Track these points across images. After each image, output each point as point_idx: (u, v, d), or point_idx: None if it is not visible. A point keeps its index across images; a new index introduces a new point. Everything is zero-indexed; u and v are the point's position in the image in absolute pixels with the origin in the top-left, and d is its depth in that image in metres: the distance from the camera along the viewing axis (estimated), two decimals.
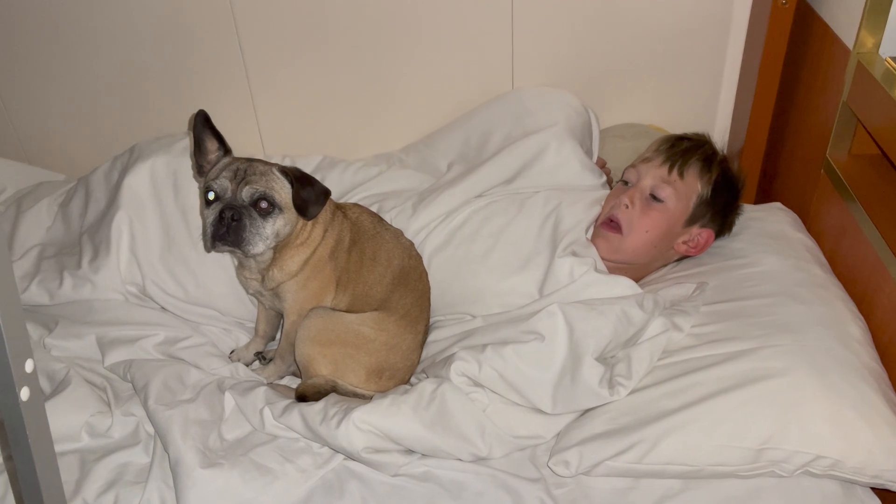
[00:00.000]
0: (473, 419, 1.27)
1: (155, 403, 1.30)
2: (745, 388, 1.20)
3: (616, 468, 1.20)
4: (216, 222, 1.29)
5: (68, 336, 1.47)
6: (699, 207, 1.51)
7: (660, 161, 1.53)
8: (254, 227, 1.30)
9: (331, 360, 1.39)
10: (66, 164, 1.97)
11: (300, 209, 1.33)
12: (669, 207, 1.50)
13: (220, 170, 1.33)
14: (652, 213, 1.49)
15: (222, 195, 1.31)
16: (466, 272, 1.52)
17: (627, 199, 1.51)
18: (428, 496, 1.22)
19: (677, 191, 1.50)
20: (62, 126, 1.95)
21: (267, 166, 1.34)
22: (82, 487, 1.22)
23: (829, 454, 1.14)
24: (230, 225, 1.28)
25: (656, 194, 1.50)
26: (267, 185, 1.31)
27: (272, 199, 1.31)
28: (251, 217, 1.30)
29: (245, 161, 1.35)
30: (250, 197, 1.30)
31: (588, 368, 1.26)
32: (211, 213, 1.31)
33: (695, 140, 1.57)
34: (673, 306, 1.40)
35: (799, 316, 1.31)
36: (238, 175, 1.31)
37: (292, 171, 1.34)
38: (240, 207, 1.29)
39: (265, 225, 1.31)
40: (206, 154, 1.38)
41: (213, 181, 1.32)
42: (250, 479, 1.21)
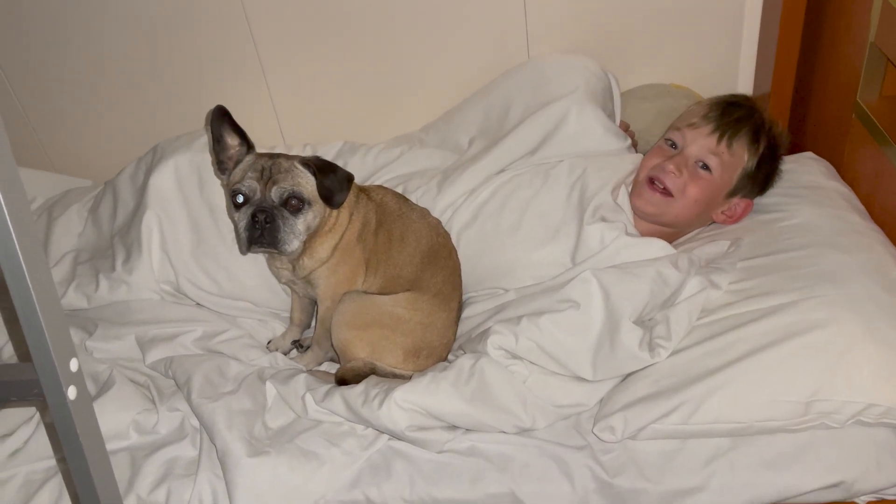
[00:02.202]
0: (514, 391, 1.27)
1: (198, 397, 1.32)
2: (790, 341, 1.18)
3: (662, 430, 1.19)
4: (250, 226, 1.30)
5: (108, 338, 1.49)
6: (742, 180, 1.48)
7: (708, 130, 1.48)
8: (287, 227, 1.31)
9: (368, 343, 1.39)
10: (92, 170, 1.99)
11: (326, 199, 1.33)
12: (715, 178, 1.47)
13: (245, 170, 1.33)
14: (700, 181, 1.46)
15: (251, 197, 1.31)
16: (496, 247, 1.51)
17: (674, 167, 1.47)
18: (474, 471, 1.22)
19: (724, 162, 1.46)
20: (83, 131, 1.97)
21: (289, 161, 1.33)
22: (135, 483, 1.24)
23: (880, 402, 1.12)
24: (264, 227, 1.30)
25: (706, 163, 1.47)
26: (294, 181, 1.31)
27: (301, 196, 1.31)
28: (283, 217, 1.31)
29: (268, 158, 1.34)
30: (280, 197, 1.30)
31: (626, 332, 1.25)
32: (242, 216, 1.32)
33: (745, 107, 1.52)
34: (709, 264, 1.38)
35: (839, 265, 1.28)
36: (264, 175, 1.31)
37: (313, 161, 1.34)
38: (271, 209, 1.30)
39: (297, 222, 1.32)
40: (227, 150, 1.37)
41: (240, 183, 1.32)
42: (298, 465, 1.22)
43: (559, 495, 1.19)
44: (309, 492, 1.22)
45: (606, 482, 1.18)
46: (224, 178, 1.40)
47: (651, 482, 1.17)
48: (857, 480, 1.14)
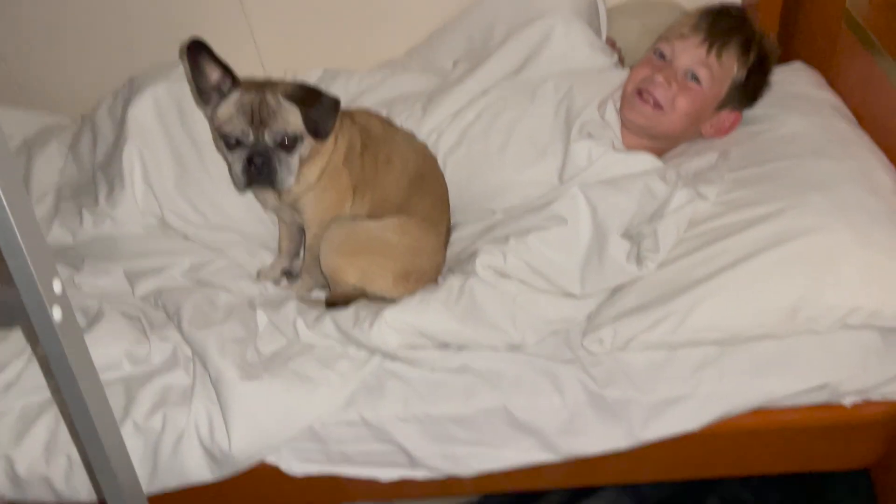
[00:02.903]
0: (503, 308, 1.27)
1: (189, 326, 1.32)
2: (777, 249, 1.18)
3: (651, 341, 1.20)
4: (246, 169, 1.30)
5: (97, 273, 1.48)
6: (732, 91, 1.46)
7: (698, 40, 1.44)
8: (283, 166, 1.31)
9: (357, 269, 1.39)
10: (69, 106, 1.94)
11: (313, 132, 1.31)
12: (704, 90, 1.44)
13: (232, 111, 1.30)
14: (689, 93, 1.43)
15: (244, 140, 1.30)
16: (483, 169, 1.50)
17: (663, 78, 1.43)
18: (467, 387, 1.24)
19: (713, 73, 1.43)
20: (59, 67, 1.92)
21: (275, 97, 1.30)
22: (130, 411, 1.25)
23: (865, 304, 1.13)
24: (261, 170, 1.30)
25: (695, 74, 1.43)
26: (285, 121, 1.29)
27: (293, 135, 1.30)
28: (279, 157, 1.30)
29: (254, 93, 1.31)
30: (274, 140, 1.29)
31: (614, 246, 1.25)
32: (237, 159, 1.31)
33: (735, 17, 1.48)
34: (696, 176, 1.37)
35: (827, 172, 1.28)
36: (254, 117, 1.29)
37: (297, 93, 1.31)
38: (266, 151, 1.29)
39: (292, 159, 1.32)
40: (208, 80, 1.34)
41: (229, 124, 1.29)
42: (292, 387, 1.23)
43: (550, 408, 1.21)
44: (304, 413, 1.23)
45: (597, 393, 1.20)
46: (207, 110, 1.37)
47: (640, 392, 1.19)
48: (843, 382, 1.16)
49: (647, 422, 1.19)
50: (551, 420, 1.21)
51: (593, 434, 1.21)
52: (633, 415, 1.19)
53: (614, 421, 1.20)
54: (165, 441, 1.24)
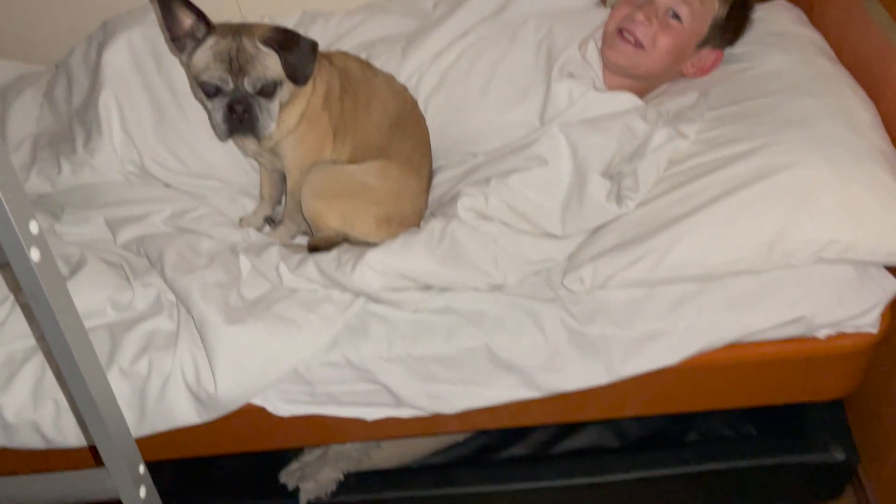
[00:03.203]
0: (485, 250, 1.28)
1: (172, 272, 1.32)
2: (755, 185, 1.19)
3: (630, 278, 1.21)
4: (227, 117, 1.29)
5: (77, 221, 1.47)
6: (713, 29, 1.44)
7: None
8: (264, 113, 1.30)
9: (339, 214, 1.39)
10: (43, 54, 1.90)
11: (292, 77, 1.30)
12: (686, 28, 1.42)
13: (209, 58, 1.27)
14: (671, 31, 1.42)
15: (223, 88, 1.28)
16: (465, 112, 1.49)
17: (644, 16, 1.41)
18: (449, 327, 1.25)
19: (694, 11, 1.42)
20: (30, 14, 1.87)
21: (252, 42, 1.27)
22: (116, 356, 1.26)
23: (841, 238, 1.15)
24: (242, 117, 1.28)
25: (676, 12, 1.42)
26: (263, 67, 1.27)
27: (272, 81, 1.28)
28: (259, 104, 1.29)
29: (230, 39, 1.28)
30: (253, 87, 1.27)
31: (594, 185, 1.25)
32: (217, 107, 1.29)
33: None
34: (677, 116, 1.37)
35: (807, 109, 1.28)
36: (232, 64, 1.26)
37: (274, 36, 1.28)
38: (246, 99, 1.28)
39: (272, 105, 1.30)
40: (181, 26, 1.31)
41: (206, 73, 1.27)
42: (276, 330, 1.24)
43: (532, 346, 1.23)
44: (288, 355, 1.25)
45: (577, 331, 1.22)
46: (182, 57, 1.35)
47: (620, 328, 1.21)
48: (818, 315, 1.18)
49: (627, 357, 1.21)
50: (533, 358, 1.23)
51: (574, 370, 1.23)
52: (613, 351, 1.21)
53: (594, 357, 1.22)
54: (152, 385, 1.25)
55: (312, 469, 1.54)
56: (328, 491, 1.51)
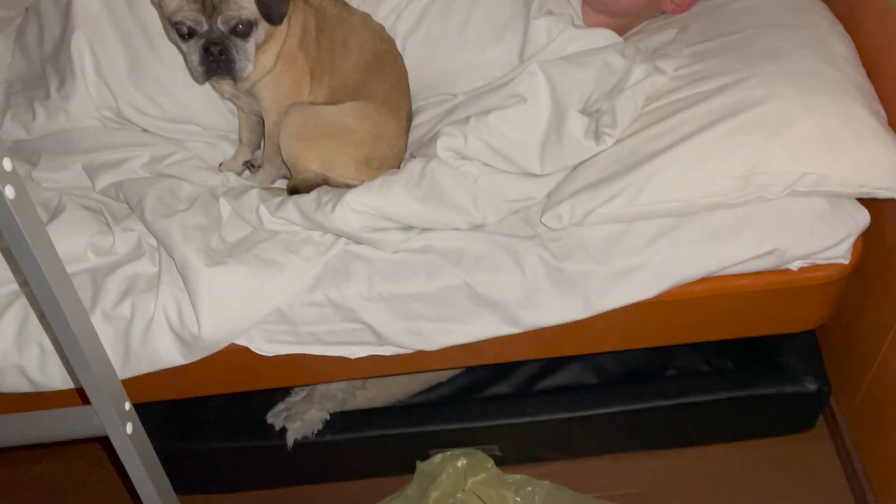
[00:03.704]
0: (464, 189, 1.28)
1: (152, 215, 1.32)
2: (731, 119, 1.19)
3: (608, 214, 1.22)
4: (203, 60, 1.27)
5: (54, 168, 1.46)
6: None
7: None
8: (241, 54, 1.28)
9: (317, 155, 1.39)
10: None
11: (267, 16, 1.28)
12: None
13: None
14: None
15: (197, 29, 1.25)
16: (443, 51, 1.48)
17: None
18: (430, 266, 1.26)
19: None
20: None
21: None
22: (99, 300, 1.27)
23: (814, 170, 1.16)
24: (218, 59, 1.27)
25: None
26: (237, 7, 1.25)
27: (247, 20, 1.26)
28: (236, 45, 1.27)
29: None
30: (228, 26, 1.25)
31: (572, 122, 1.25)
32: (192, 50, 1.27)
33: None
34: (655, 52, 1.37)
35: (784, 42, 1.28)
36: (206, 4, 1.24)
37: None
38: (222, 40, 1.26)
39: (248, 46, 1.28)
40: None
41: (181, 14, 1.25)
42: (257, 272, 1.25)
43: (511, 282, 1.24)
44: (270, 296, 1.26)
45: (555, 266, 1.23)
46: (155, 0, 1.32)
47: (597, 263, 1.23)
48: (791, 247, 1.20)
49: (604, 292, 1.23)
50: (512, 294, 1.25)
51: (552, 306, 1.25)
52: (591, 286, 1.23)
53: (572, 292, 1.24)
54: (135, 327, 1.26)
55: (299, 409, 1.57)
56: (314, 430, 1.54)
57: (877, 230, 1.27)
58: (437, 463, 1.52)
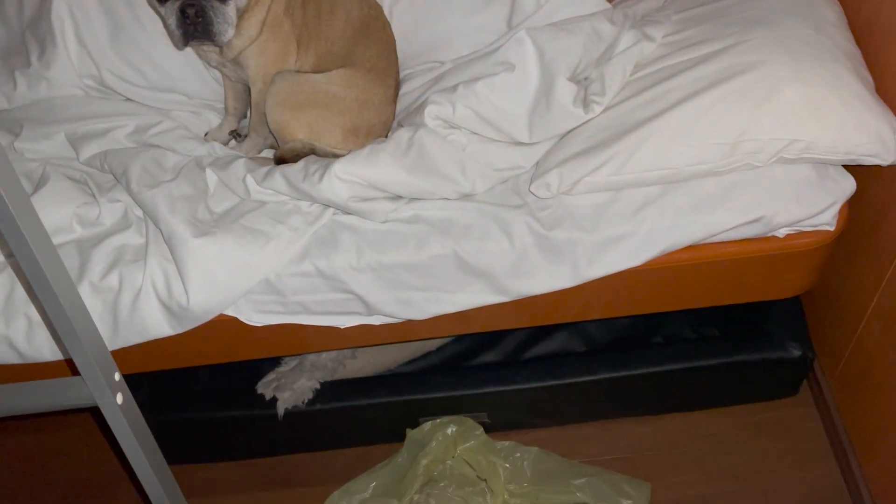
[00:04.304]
0: (453, 158, 1.28)
1: (138, 186, 1.31)
2: (719, 86, 1.19)
3: (596, 183, 1.22)
4: (181, 22, 1.25)
5: (37, 138, 1.44)
6: None
7: None
8: (219, 17, 1.26)
9: (304, 124, 1.38)
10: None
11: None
12: None
13: None
14: None
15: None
16: (431, 16, 1.46)
17: None
18: (419, 236, 1.26)
19: None
20: None
21: None
22: (86, 271, 1.26)
23: (802, 136, 1.16)
24: (196, 22, 1.25)
25: None
26: None
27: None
28: (213, 7, 1.25)
29: None
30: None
31: (561, 89, 1.25)
32: (170, 12, 1.25)
33: None
34: (644, 18, 1.36)
35: (772, 8, 1.27)
36: None
37: None
38: (198, 1, 1.23)
39: (227, 9, 1.26)
40: None
41: None
42: (245, 242, 1.25)
43: (499, 251, 1.24)
44: (258, 266, 1.25)
45: (543, 235, 1.23)
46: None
47: (585, 232, 1.23)
48: (777, 214, 1.20)
49: (592, 260, 1.24)
50: (500, 263, 1.25)
51: (540, 274, 1.25)
52: (579, 254, 1.23)
53: (560, 261, 1.24)
54: (123, 299, 1.26)
55: (289, 379, 1.57)
56: (305, 399, 1.55)
57: (861, 197, 1.28)
58: (426, 431, 1.53)
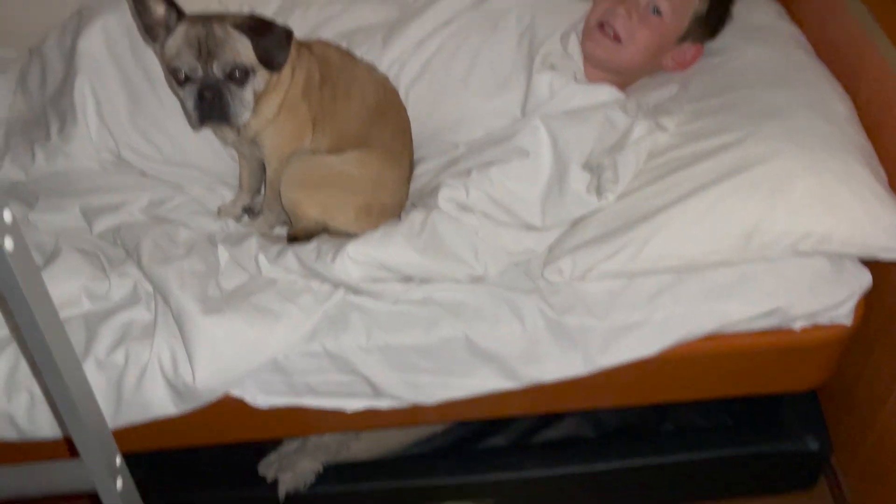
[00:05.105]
0: (465, 241, 1.28)
1: (149, 261, 1.30)
2: (733, 178, 1.20)
3: (609, 270, 1.22)
4: (198, 105, 1.27)
5: (52, 209, 1.45)
6: (693, 24, 1.45)
7: None
8: (236, 100, 1.27)
9: (318, 203, 1.38)
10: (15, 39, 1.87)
11: (266, 63, 1.28)
12: (666, 23, 1.43)
13: (180, 44, 1.26)
14: (650, 26, 1.42)
15: (193, 75, 1.26)
16: (446, 99, 1.49)
17: (625, 10, 1.42)
18: (429, 318, 1.25)
19: (675, 6, 1.42)
20: None
21: (223, 27, 1.26)
22: (92, 347, 1.25)
23: (816, 230, 1.16)
24: (213, 104, 1.26)
25: (657, 7, 1.42)
26: (233, 51, 1.25)
27: (243, 66, 1.26)
28: (230, 91, 1.27)
29: (200, 26, 1.26)
30: (222, 72, 1.25)
31: (574, 177, 1.26)
32: (188, 94, 1.27)
33: None
34: (656, 108, 1.38)
35: (784, 101, 1.29)
36: (202, 49, 1.24)
37: (246, 22, 1.27)
38: (216, 85, 1.26)
39: (244, 93, 1.28)
40: (152, 14, 1.29)
41: (177, 59, 1.25)
42: (253, 321, 1.24)
43: (511, 335, 1.23)
44: (266, 346, 1.24)
45: (555, 320, 1.22)
46: (155, 47, 1.33)
47: (598, 318, 1.22)
48: (793, 307, 1.19)
49: (605, 348, 1.22)
50: (511, 347, 1.23)
51: (552, 361, 1.24)
52: (591, 341, 1.22)
53: (572, 347, 1.23)
54: (129, 376, 1.24)
55: (291, 460, 1.54)
56: (307, 482, 1.51)
57: (878, 290, 1.27)
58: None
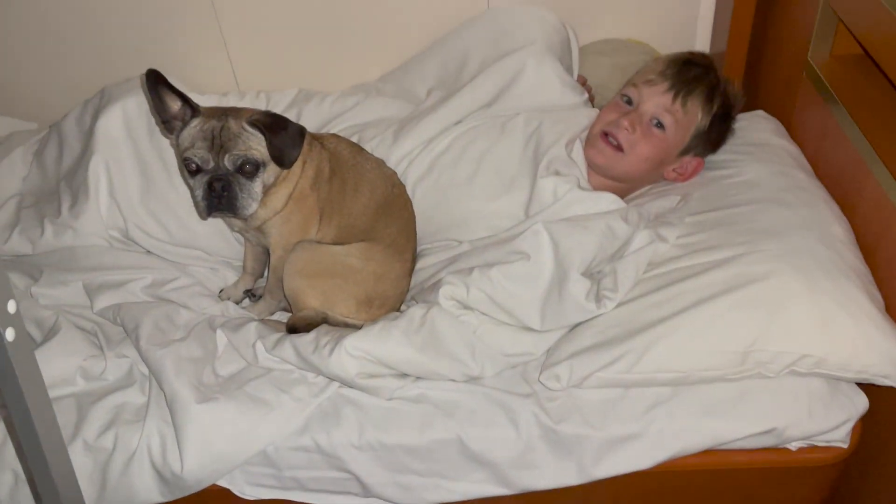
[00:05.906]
0: (463, 340, 1.28)
1: (147, 344, 1.31)
2: (730, 294, 1.21)
3: (606, 379, 1.21)
4: (207, 195, 1.30)
5: (54, 284, 1.47)
6: (695, 138, 1.49)
7: (664, 87, 1.47)
8: (244, 192, 1.30)
9: (320, 292, 1.39)
10: (37, 112, 1.92)
11: (277, 160, 1.31)
12: (668, 136, 1.47)
13: (194, 137, 1.30)
14: (652, 139, 1.47)
15: (204, 166, 1.29)
16: (451, 198, 1.52)
17: (628, 123, 1.46)
18: (423, 417, 1.24)
19: (678, 121, 1.47)
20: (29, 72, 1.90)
21: (238, 123, 1.30)
22: (81, 429, 1.24)
23: (813, 352, 1.16)
24: (221, 195, 1.29)
25: (660, 120, 1.47)
26: (245, 146, 1.29)
27: (254, 160, 1.30)
28: (240, 183, 1.30)
29: (215, 120, 1.30)
30: (233, 165, 1.29)
31: (574, 283, 1.27)
32: (198, 185, 1.31)
33: (701, 66, 1.51)
34: (657, 218, 1.40)
35: (782, 220, 1.31)
36: (214, 142, 1.28)
37: (261, 120, 1.31)
38: (226, 177, 1.29)
39: (253, 186, 1.31)
40: (170, 110, 1.33)
41: (190, 151, 1.29)
42: (246, 410, 1.23)
43: (504, 440, 1.22)
44: (257, 437, 1.23)
45: (550, 428, 1.21)
46: (172, 139, 1.37)
47: (593, 428, 1.21)
48: (789, 427, 1.18)
49: (599, 459, 1.21)
50: (505, 453, 1.22)
51: (546, 469, 1.22)
52: (586, 451, 1.21)
53: (567, 456, 1.21)
54: (116, 461, 1.23)
55: None
56: None
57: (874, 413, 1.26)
58: None
